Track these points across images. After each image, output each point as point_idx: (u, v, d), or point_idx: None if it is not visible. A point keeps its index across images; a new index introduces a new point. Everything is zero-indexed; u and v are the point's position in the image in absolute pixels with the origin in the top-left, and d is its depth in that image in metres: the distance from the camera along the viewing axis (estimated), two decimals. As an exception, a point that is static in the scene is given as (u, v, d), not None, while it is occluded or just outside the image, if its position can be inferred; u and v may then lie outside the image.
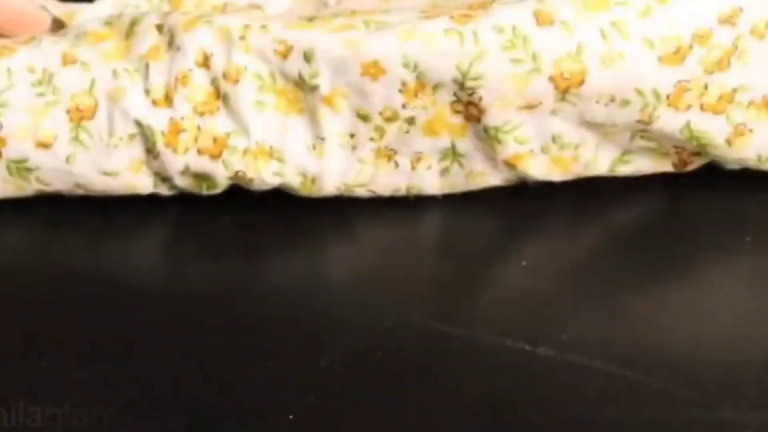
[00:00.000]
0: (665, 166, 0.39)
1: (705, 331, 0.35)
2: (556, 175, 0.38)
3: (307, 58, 0.37)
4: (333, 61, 0.36)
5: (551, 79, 0.36)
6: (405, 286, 0.37)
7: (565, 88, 0.36)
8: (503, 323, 0.35)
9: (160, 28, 0.38)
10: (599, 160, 0.38)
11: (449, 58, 0.36)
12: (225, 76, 0.37)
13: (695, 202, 0.40)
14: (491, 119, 0.36)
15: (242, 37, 0.37)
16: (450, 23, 0.36)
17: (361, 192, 0.38)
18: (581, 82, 0.36)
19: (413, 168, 0.38)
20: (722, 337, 0.35)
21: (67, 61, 0.38)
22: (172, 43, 0.38)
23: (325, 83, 0.37)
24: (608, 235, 0.38)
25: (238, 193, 0.39)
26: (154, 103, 0.37)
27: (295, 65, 0.37)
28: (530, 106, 0.36)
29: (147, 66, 0.37)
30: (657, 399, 0.32)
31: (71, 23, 0.41)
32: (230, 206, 0.39)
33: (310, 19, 0.37)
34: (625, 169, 0.39)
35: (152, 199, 0.39)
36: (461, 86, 0.36)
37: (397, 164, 0.38)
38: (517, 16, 0.36)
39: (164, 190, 0.39)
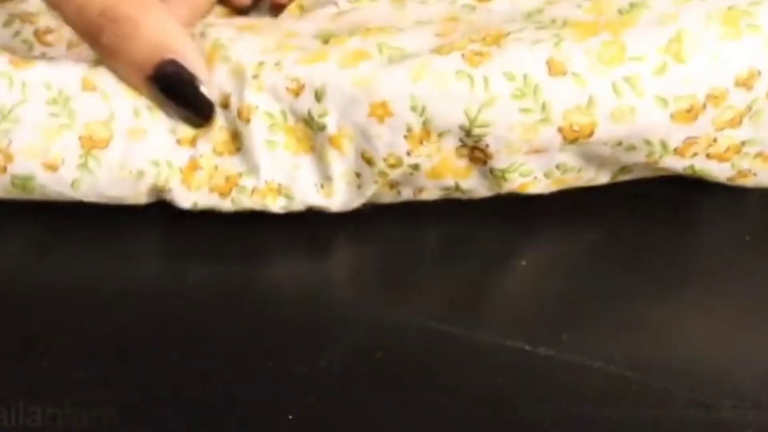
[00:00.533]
0: (666, 173, 0.38)
1: (705, 331, 0.35)
2: (556, 188, 0.38)
3: (318, 96, 0.36)
4: (343, 98, 0.36)
5: (560, 129, 0.35)
6: (405, 286, 0.37)
7: (573, 139, 0.35)
8: (503, 323, 0.35)
9: None
10: (600, 177, 0.38)
11: (458, 103, 0.35)
12: (239, 114, 0.37)
13: (695, 202, 0.40)
14: (497, 163, 0.36)
15: (255, 76, 0.37)
16: (462, 64, 0.35)
17: (361, 207, 0.39)
18: (590, 134, 0.35)
19: (415, 196, 0.39)
20: (722, 338, 0.35)
21: (86, 86, 0.37)
22: None
23: (332, 123, 0.36)
24: (608, 235, 0.38)
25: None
26: (179, 142, 0.37)
27: (305, 103, 0.36)
28: (537, 151, 0.36)
29: None
30: (657, 399, 0.32)
31: None
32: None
33: (326, 41, 0.37)
34: (626, 177, 0.38)
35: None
36: (468, 133, 0.35)
37: (399, 192, 0.38)
38: (530, 62, 0.35)
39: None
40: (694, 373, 0.33)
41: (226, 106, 0.37)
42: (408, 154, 0.36)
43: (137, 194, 0.38)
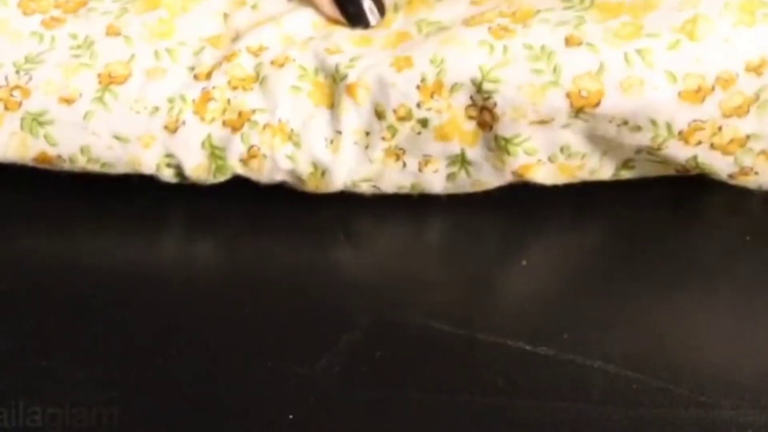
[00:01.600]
0: (668, 171, 0.38)
1: (705, 331, 0.35)
2: (561, 180, 0.38)
3: (353, 60, 0.37)
4: (373, 58, 0.37)
5: (568, 95, 0.35)
6: (405, 286, 0.37)
7: (579, 107, 0.35)
8: (503, 323, 0.35)
9: (227, 16, 0.40)
10: (604, 168, 0.38)
11: (475, 60, 0.36)
12: (273, 62, 0.38)
13: (696, 202, 0.40)
14: (502, 129, 0.36)
15: (305, 44, 0.38)
16: (486, 35, 0.36)
17: (366, 187, 0.38)
18: (597, 104, 0.35)
19: (420, 170, 0.38)
20: (722, 337, 0.35)
21: (110, 32, 0.39)
22: (236, 39, 0.39)
23: (353, 74, 0.37)
24: (608, 235, 0.38)
25: (240, 194, 0.39)
26: (196, 77, 0.38)
27: (336, 59, 0.37)
28: (542, 122, 0.36)
29: (203, 48, 0.38)
30: (657, 398, 0.32)
31: None
32: (231, 208, 0.39)
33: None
34: (629, 174, 0.38)
35: (152, 199, 0.39)
36: (479, 88, 0.36)
37: (405, 164, 0.38)
38: (550, 37, 0.36)
39: (166, 175, 0.38)
40: (694, 373, 0.33)
41: (255, 54, 0.38)
42: (418, 106, 0.36)
43: (147, 137, 0.37)
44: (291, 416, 0.32)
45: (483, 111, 0.36)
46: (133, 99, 0.37)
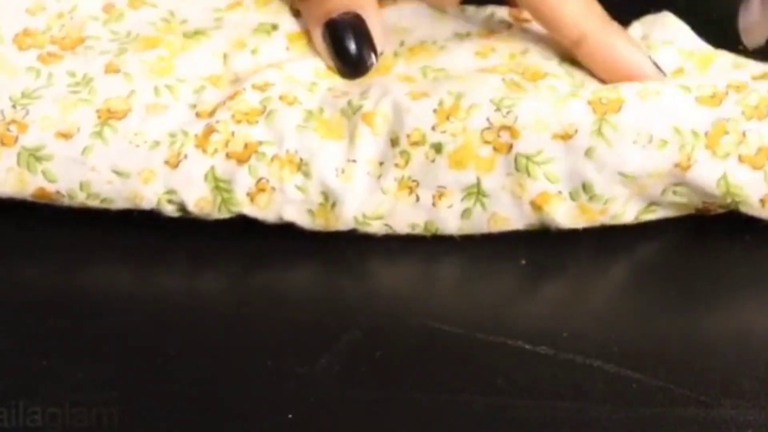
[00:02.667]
0: (689, 210, 0.38)
1: (705, 330, 0.35)
2: (581, 223, 0.37)
3: (364, 93, 0.38)
4: (384, 88, 0.37)
5: (589, 102, 0.36)
6: (405, 287, 0.37)
7: (602, 113, 0.35)
8: (503, 323, 0.35)
9: (226, 57, 0.39)
10: (627, 213, 0.37)
11: (492, 86, 0.37)
12: (281, 98, 0.37)
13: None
14: (524, 144, 0.36)
15: (310, 89, 0.38)
16: (500, 82, 0.37)
17: (377, 226, 0.37)
18: (619, 109, 0.35)
19: (434, 204, 0.37)
20: (722, 337, 0.35)
21: (110, 69, 0.38)
22: (236, 82, 0.38)
23: (369, 103, 0.37)
24: (608, 234, 0.38)
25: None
26: (198, 115, 0.37)
27: (345, 99, 0.38)
28: (566, 135, 0.35)
29: (203, 87, 0.38)
30: (657, 398, 0.32)
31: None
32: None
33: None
34: (650, 217, 0.38)
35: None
36: (498, 107, 0.36)
37: (418, 198, 0.37)
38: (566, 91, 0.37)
39: (168, 210, 0.38)
40: (694, 372, 0.33)
41: (262, 89, 0.38)
42: (433, 128, 0.36)
43: (147, 171, 0.37)
44: (290, 416, 0.32)
45: (501, 132, 0.36)
46: (133, 133, 0.37)
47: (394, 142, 0.36)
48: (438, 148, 0.36)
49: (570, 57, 0.39)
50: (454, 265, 0.38)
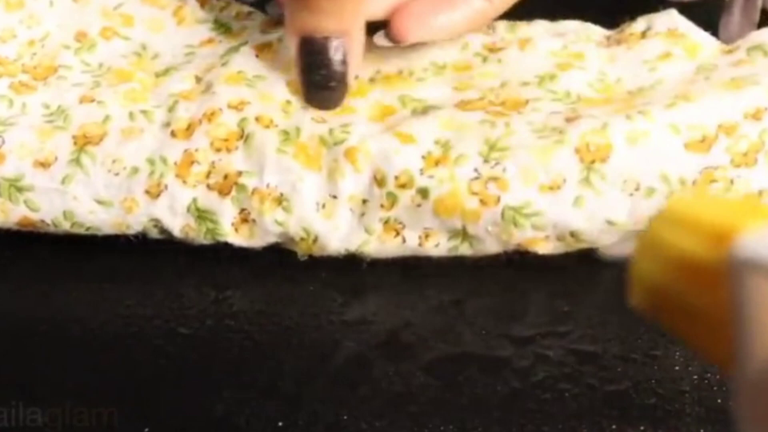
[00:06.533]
0: None
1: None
2: (561, 251, 0.37)
3: (345, 125, 0.37)
4: (370, 131, 0.37)
5: (577, 150, 0.35)
6: (405, 287, 0.37)
7: (590, 161, 0.35)
8: (503, 323, 0.35)
9: (198, 79, 0.39)
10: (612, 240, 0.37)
11: (480, 136, 0.36)
12: (257, 119, 0.37)
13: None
14: (512, 197, 0.35)
15: (285, 110, 0.37)
16: (484, 116, 0.37)
17: (365, 255, 0.37)
18: (607, 157, 0.35)
19: (420, 244, 0.36)
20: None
21: (84, 100, 0.38)
22: (207, 90, 0.38)
23: (353, 138, 0.36)
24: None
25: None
26: (173, 134, 0.37)
27: (325, 126, 0.37)
28: (554, 186, 0.35)
29: (176, 102, 0.38)
30: (657, 393, 0.32)
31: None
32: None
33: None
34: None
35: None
36: (485, 158, 0.35)
37: (404, 239, 0.36)
38: (550, 119, 0.37)
39: (155, 234, 0.37)
40: (694, 373, 0.33)
41: (237, 108, 0.37)
42: (421, 172, 0.35)
43: (130, 200, 0.36)
44: (290, 416, 0.32)
45: (489, 183, 0.35)
46: (111, 160, 0.36)
47: (380, 182, 0.36)
48: (425, 192, 0.35)
49: (549, 75, 0.39)
50: (454, 265, 0.37)
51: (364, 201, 0.36)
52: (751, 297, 0.15)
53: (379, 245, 0.36)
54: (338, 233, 0.36)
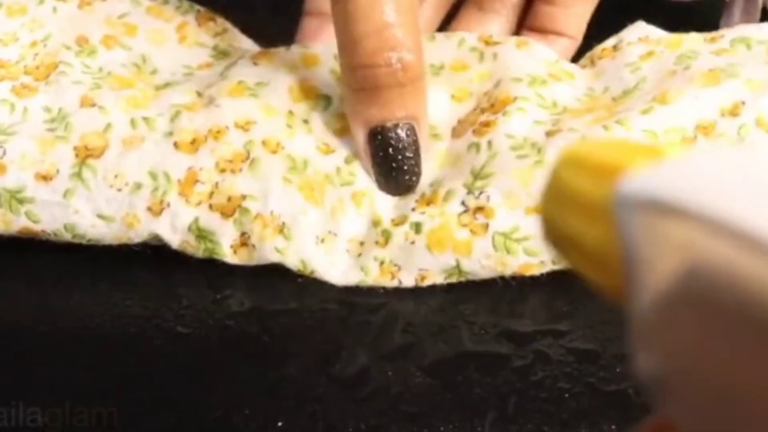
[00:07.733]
0: None
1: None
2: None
3: (348, 161, 0.38)
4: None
5: None
6: (404, 287, 0.37)
7: None
8: (502, 323, 0.35)
9: (199, 94, 0.39)
10: None
11: (466, 167, 0.37)
12: (264, 143, 0.37)
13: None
14: (500, 223, 0.35)
15: (289, 123, 0.38)
16: (472, 137, 0.37)
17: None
18: None
19: (417, 285, 0.36)
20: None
21: (85, 103, 0.38)
22: (210, 103, 0.38)
23: (361, 183, 0.37)
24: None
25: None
26: (176, 146, 0.37)
27: (333, 161, 0.37)
28: (539, 209, 0.35)
29: (178, 112, 0.37)
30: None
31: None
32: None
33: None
34: None
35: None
36: (469, 189, 0.36)
37: (400, 282, 0.36)
38: (531, 131, 0.37)
39: (154, 242, 0.37)
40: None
41: (245, 128, 0.37)
42: (413, 209, 0.36)
43: (131, 216, 0.36)
44: (290, 417, 0.32)
45: (477, 213, 0.36)
46: (113, 175, 0.36)
47: (376, 222, 0.36)
48: (417, 227, 0.36)
49: (541, 78, 0.39)
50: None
51: (361, 243, 0.36)
52: (637, 234, 0.15)
53: (375, 285, 0.36)
54: (335, 270, 0.36)
